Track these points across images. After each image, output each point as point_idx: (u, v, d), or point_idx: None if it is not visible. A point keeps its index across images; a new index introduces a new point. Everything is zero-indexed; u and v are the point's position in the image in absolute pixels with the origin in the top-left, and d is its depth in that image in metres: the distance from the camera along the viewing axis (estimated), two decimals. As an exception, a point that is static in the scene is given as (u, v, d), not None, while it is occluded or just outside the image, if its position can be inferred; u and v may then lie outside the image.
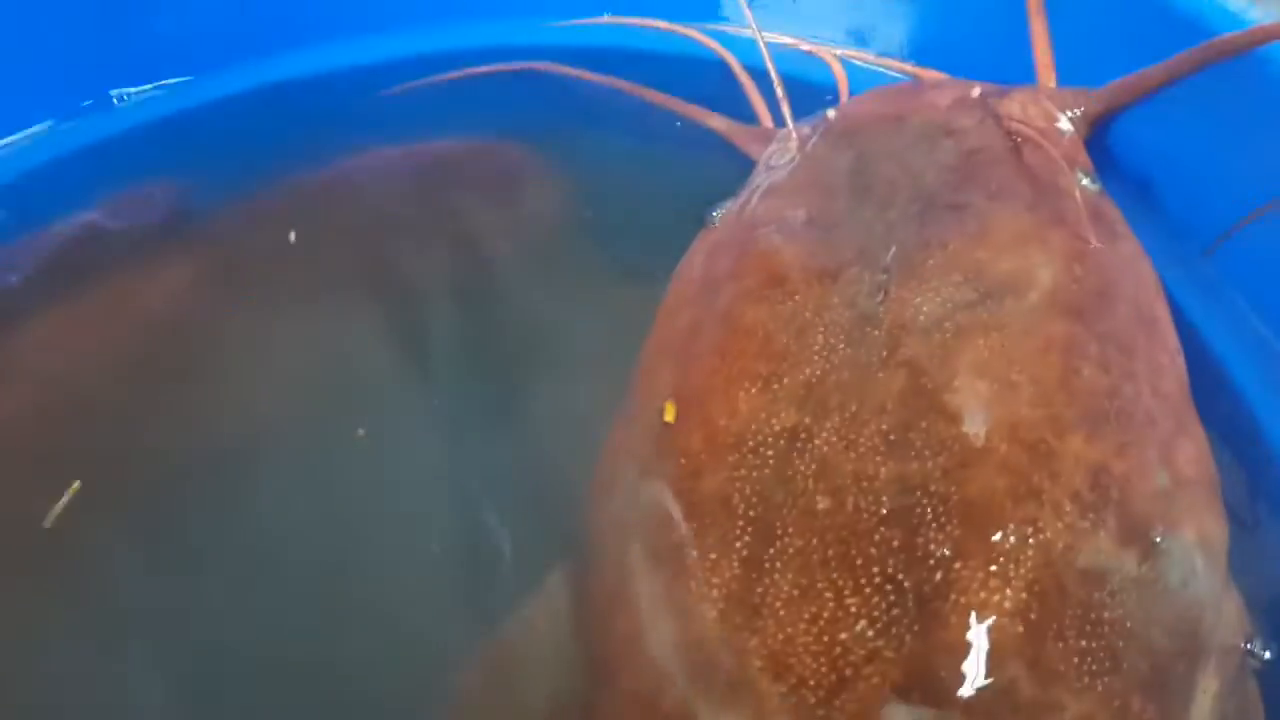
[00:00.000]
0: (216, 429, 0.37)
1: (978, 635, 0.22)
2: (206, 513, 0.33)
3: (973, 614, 0.22)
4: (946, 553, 0.23)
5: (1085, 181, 0.30)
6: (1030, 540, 0.23)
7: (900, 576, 0.23)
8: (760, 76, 0.38)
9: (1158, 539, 0.24)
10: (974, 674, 0.22)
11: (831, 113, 0.35)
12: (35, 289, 0.40)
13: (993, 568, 0.23)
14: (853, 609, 0.23)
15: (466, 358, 0.38)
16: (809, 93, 0.39)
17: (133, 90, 0.43)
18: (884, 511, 0.24)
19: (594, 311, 0.36)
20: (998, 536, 0.23)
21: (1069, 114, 0.32)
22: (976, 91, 0.33)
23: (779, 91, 0.35)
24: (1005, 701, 0.22)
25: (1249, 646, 0.25)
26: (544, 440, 0.35)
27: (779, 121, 0.37)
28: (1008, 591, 0.22)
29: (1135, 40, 0.30)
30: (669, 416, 0.28)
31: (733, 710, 0.23)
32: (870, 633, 0.23)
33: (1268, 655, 0.25)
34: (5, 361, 0.39)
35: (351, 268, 0.42)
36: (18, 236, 0.40)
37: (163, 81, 0.43)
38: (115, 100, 0.42)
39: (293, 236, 0.40)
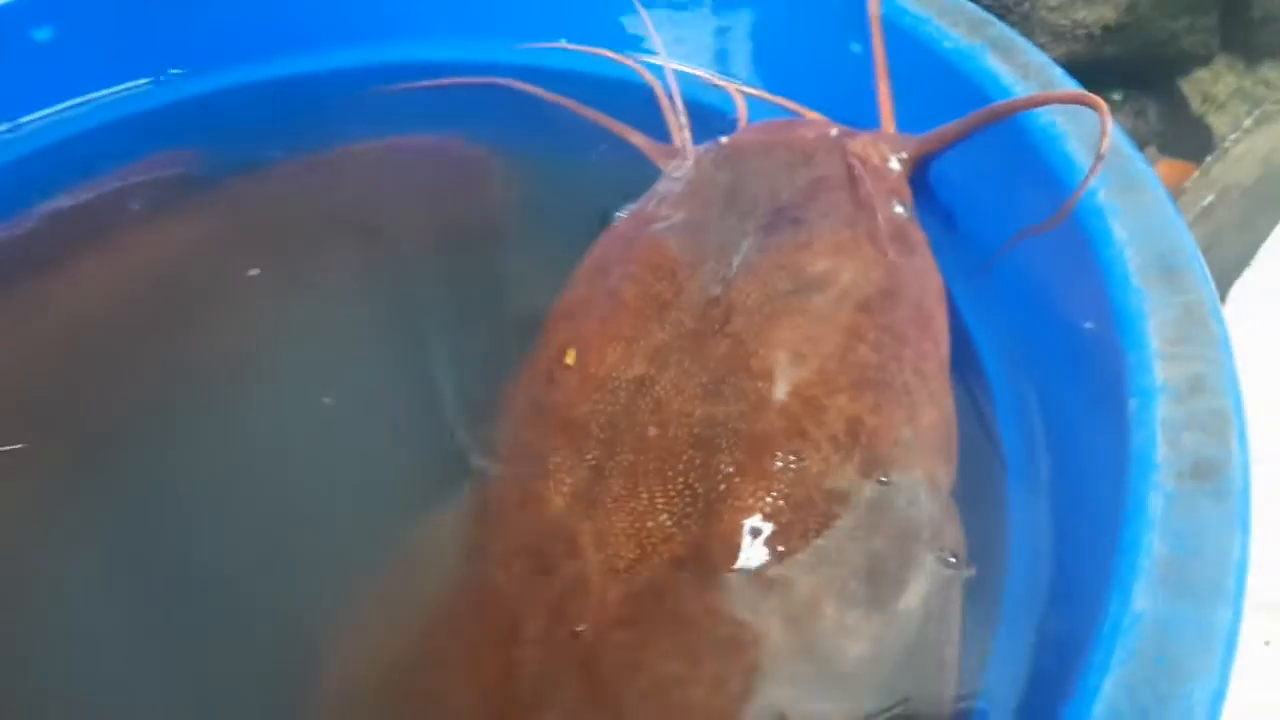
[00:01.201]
0: (207, 370, 0.44)
1: (744, 528, 0.30)
2: (190, 439, 0.41)
3: (742, 513, 0.31)
4: (731, 470, 0.31)
5: (898, 209, 0.39)
6: (793, 466, 0.31)
7: (696, 485, 0.31)
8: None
9: (892, 474, 0.32)
10: (737, 555, 0.30)
11: (724, 139, 0.44)
12: (70, 235, 0.49)
13: (762, 482, 0.31)
14: (659, 505, 0.31)
15: (417, 319, 0.46)
16: (717, 119, 0.47)
17: (174, 71, 0.52)
18: (694, 438, 0.32)
19: (521, 285, 0.45)
20: (769, 461, 0.31)
21: (898, 155, 0.40)
22: (835, 131, 0.42)
23: (682, 118, 0.44)
24: (757, 576, 0.30)
25: (955, 560, 0.33)
26: (473, 385, 0.43)
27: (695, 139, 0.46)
28: (768, 499, 0.31)
29: (949, 101, 0.38)
30: (569, 360, 0.37)
31: (567, 568, 0.31)
32: (669, 522, 0.31)
33: (973, 572, 0.33)
34: (39, 298, 0.47)
35: (331, 238, 0.50)
36: (59, 190, 0.48)
37: (190, 69, 0.52)
38: (155, 80, 0.51)
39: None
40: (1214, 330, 0.27)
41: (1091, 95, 0.31)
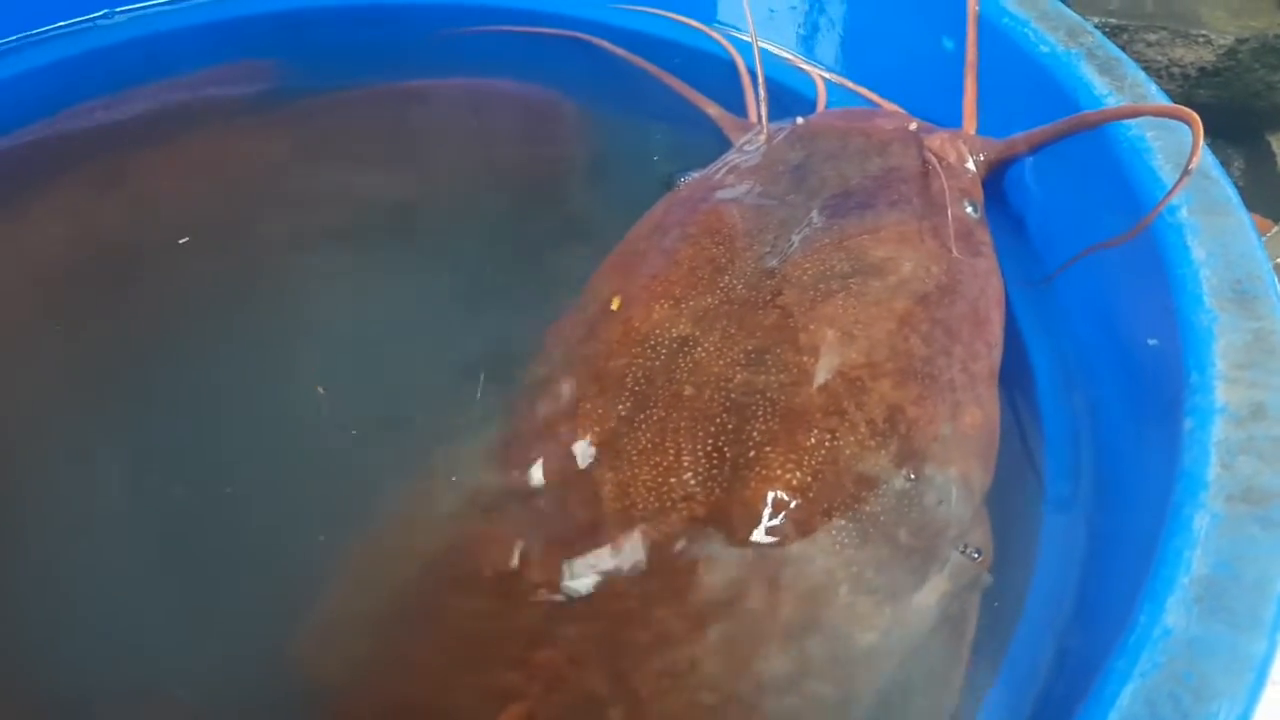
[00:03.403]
0: (248, 282, 0.44)
1: (768, 498, 0.30)
2: (238, 328, 0.41)
3: (768, 483, 0.30)
4: (763, 438, 0.31)
5: (968, 209, 0.38)
6: (826, 444, 0.31)
7: (726, 449, 0.31)
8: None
9: (926, 468, 0.32)
10: (757, 524, 0.30)
11: (801, 120, 0.43)
12: (147, 127, 0.49)
13: (792, 455, 0.30)
14: (685, 464, 0.31)
15: (469, 254, 0.46)
16: (796, 101, 0.47)
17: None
18: (729, 403, 0.32)
19: (580, 233, 0.44)
20: (803, 435, 0.31)
21: (975, 156, 0.39)
22: (914, 125, 0.41)
23: (762, 93, 0.43)
24: (774, 548, 0.29)
25: (979, 564, 0.32)
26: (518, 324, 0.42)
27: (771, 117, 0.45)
28: (797, 473, 0.30)
29: (1038, 106, 0.38)
30: (615, 306, 0.37)
31: (585, 514, 0.31)
32: (692, 482, 0.30)
33: (992, 580, 0.32)
34: (115, 177, 0.47)
35: (397, 167, 0.50)
36: (142, 83, 0.49)
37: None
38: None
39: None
40: (1284, 362, 0.26)
41: (1185, 109, 0.30)
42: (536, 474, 0.33)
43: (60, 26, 0.49)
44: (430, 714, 0.30)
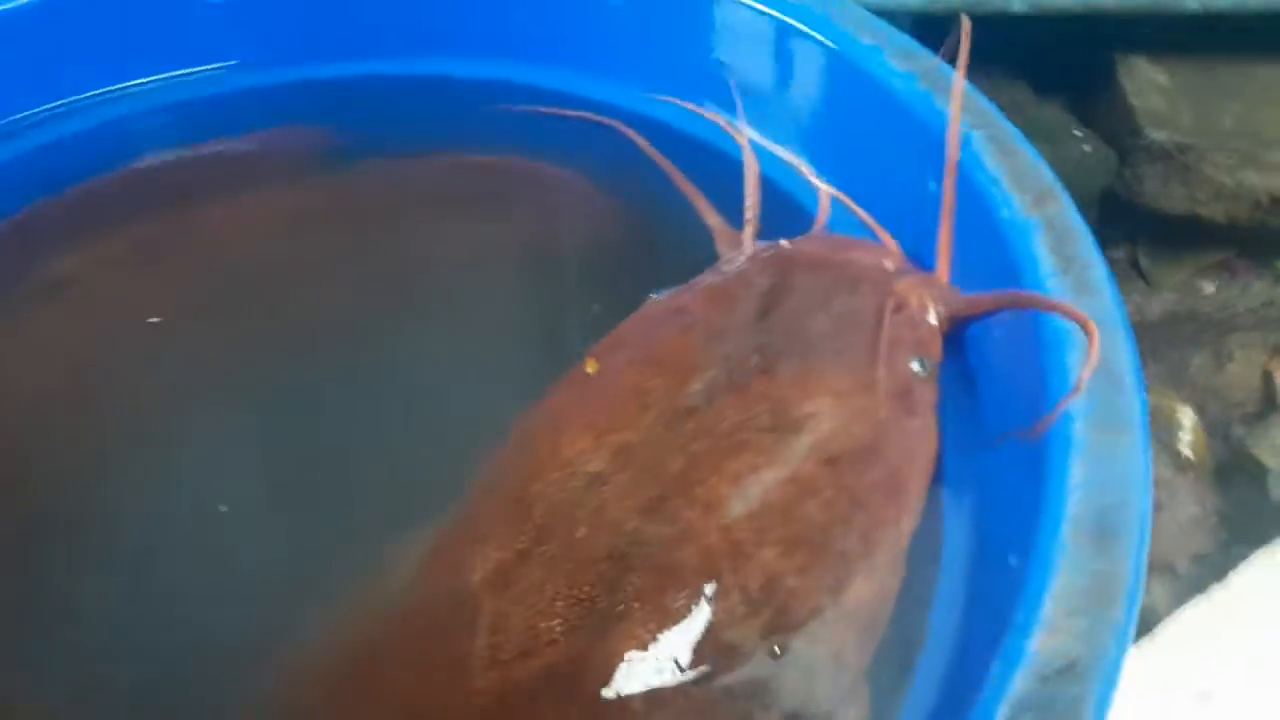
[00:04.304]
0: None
1: (624, 656, 0.31)
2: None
3: (628, 641, 0.31)
4: (633, 593, 0.32)
5: (915, 365, 0.37)
6: (692, 606, 0.31)
7: (599, 598, 0.32)
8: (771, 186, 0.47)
9: (795, 642, 0.32)
10: (608, 681, 0.30)
11: (785, 242, 0.43)
12: (204, 185, 0.53)
13: (656, 615, 0.31)
14: (558, 608, 0.32)
15: (489, 326, 0.48)
16: (801, 217, 0.47)
17: (323, 52, 0.56)
18: (615, 551, 0.33)
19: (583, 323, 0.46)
20: (670, 595, 0.31)
21: (937, 307, 0.39)
22: (889, 264, 0.41)
23: (750, 213, 0.43)
24: (623, 705, 0.30)
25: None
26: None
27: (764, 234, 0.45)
28: (658, 634, 0.31)
29: (994, 264, 0.37)
30: (590, 369, 0.39)
31: (458, 642, 0.32)
32: (559, 628, 0.32)
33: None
34: (178, 234, 0.51)
35: (430, 236, 0.53)
36: (196, 144, 0.53)
37: (338, 54, 0.55)
38: (303, 56, 0.55)
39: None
40: (1117, 616, 0.25)
41: (1089, 321, 0.30)
42: (434, 589, 0.35)
43: (132, 85, 0.53)
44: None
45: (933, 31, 0.45)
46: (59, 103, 0.53)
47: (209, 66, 0.54)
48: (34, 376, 0.45)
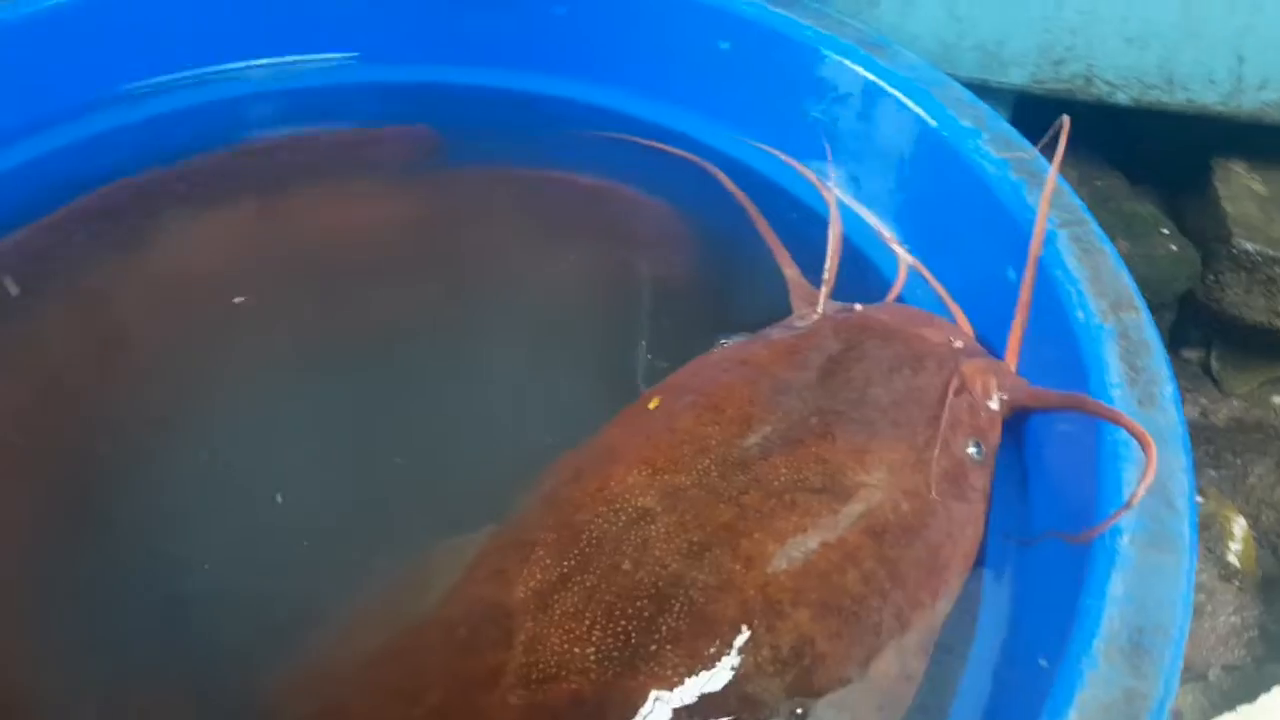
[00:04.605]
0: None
1: (650, 695, 0.32)
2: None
3: (656, 681, 0.32)
4: (668, 635, 0.33)
5: (971, 449, 0.38)
6: (723, 656, 0.32)
7: (634, 635, 0.33)
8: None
9: (817, 707, 0.32)
10: (634, 714, 0.31)
11: (859, 307, 0.44)
12: (305, 171, 0.55)
13: (687, 659, 0.32)
14: (593, 638, 0.33)
15: (563, 342, 0.49)
16: (879, 283, 0.47)
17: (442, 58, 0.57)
18: (654, 590, 0.34)
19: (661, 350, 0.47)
20: (704, 643, 0.32)
21: (1000, 394, 0.39)
22: (959, 343, 0.41)
23: (830, 274, 0.44)
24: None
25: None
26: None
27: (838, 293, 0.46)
28: (687, 678, 0.32)
29: (1062, 364, 0.37)
30: (653, 406, 0.40)
31: (490, 655, 0.34)
32: (592, 657, 0.33)
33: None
34: (274, 217, 0.53)
35: (521, 251, 0.54)
36: (305, 130, 0.55)
37: (456, 61, 0.57)
38: (425, 61, 0.57)
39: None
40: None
41: (1149, 440, 0.30)
42: (476, 599, 0.36)
43: (252, 64, 0.55)
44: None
45: (1032, 112, 0.46)
46: (177, 74, 0.55)
47: (329, 55, 0.56)
48: (111, 337, 0.47)
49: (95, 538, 0.39)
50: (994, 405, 0.39)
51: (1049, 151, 0.42)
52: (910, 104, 0.46)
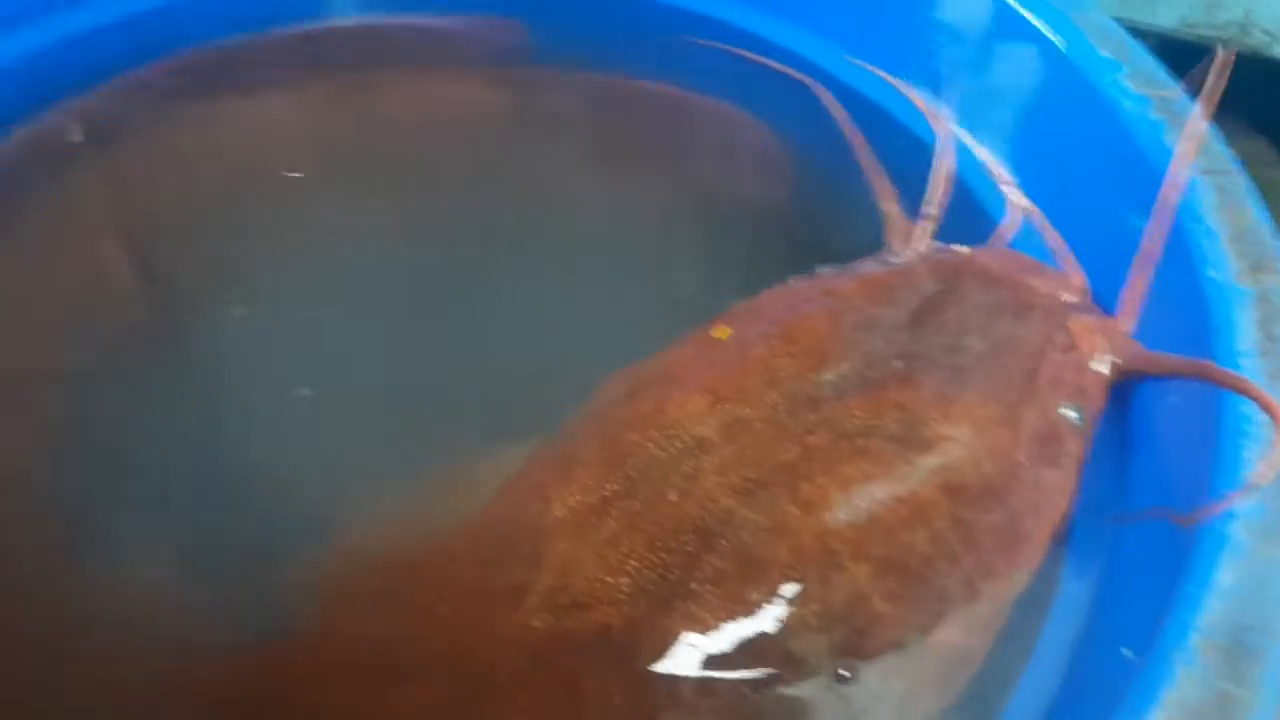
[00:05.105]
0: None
1: (684, 637, 0.29)
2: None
3: (692, 622, 0.29)
4: (710, 575, 0.30)
5: (1070, 412, 0.34)
6: (767, 604, 0.29)
7: (673, 569, 0.30)
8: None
9: (865, 672, 0.29)
10: (661, 657, 0.29)
11: (962, 249, 0.40)
12: (387, 56, 0.53)
13: (727, 604, 0.29)
14: (629, 568, 0.30)
15: (646, 257, 0.47)
16: (985, 225, 0.43)
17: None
18: (701, 525, 0.31)
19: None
20: (749, 588, 0.30)
21: (1110, 356, 0.35)
22: (1066, 297, 0.37)
23: (933, 210, 0.40)
24: (667, 688, 0.29)
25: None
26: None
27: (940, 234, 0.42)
28: (724, 624, 0.29)
29: (1182, 323, 0.33)
30: (718, 334, 0.37)
31: (517, 572, 0.31)
32: (625, 587, 0.30)
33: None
34: (348, 98, 0.51)
35: (603, 159, 0.51)
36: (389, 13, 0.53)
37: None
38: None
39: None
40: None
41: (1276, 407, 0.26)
42: (509, 512, 0.34)
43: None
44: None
45: (1176, 59, 0.41)
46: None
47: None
48: (175, 193, 0.46)
49: (141, 390, 0.39)
50: (1100, 368, 0.35)
51: (1196, 93, 0.38)
52: (1043, 27, 0.42)
